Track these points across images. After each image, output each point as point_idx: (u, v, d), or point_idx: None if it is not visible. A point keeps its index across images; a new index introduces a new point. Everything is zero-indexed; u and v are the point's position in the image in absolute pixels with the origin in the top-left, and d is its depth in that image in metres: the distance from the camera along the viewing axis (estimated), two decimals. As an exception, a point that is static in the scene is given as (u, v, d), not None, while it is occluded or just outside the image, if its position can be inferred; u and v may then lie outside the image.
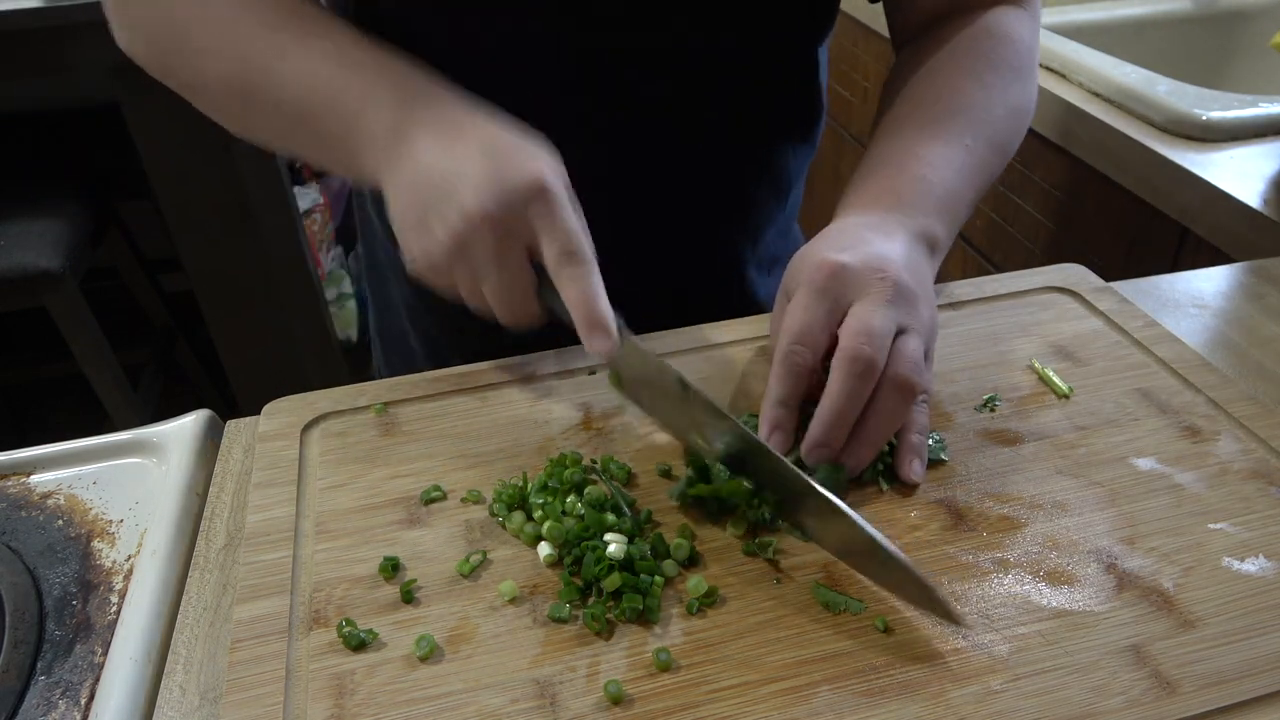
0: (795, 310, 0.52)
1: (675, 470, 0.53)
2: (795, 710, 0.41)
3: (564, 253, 0.50)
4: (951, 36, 0.66)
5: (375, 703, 0.42)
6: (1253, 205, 0.86)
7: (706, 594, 0.46)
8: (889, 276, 0.51)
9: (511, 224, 0.50)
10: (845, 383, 0.49)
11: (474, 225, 0.50)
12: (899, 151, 0.61)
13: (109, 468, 0.59)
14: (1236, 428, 0.55)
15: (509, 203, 0.49)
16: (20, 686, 0.45)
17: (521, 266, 0.52)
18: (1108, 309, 0.65)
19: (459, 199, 0.50)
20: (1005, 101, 0.64)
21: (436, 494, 0.53)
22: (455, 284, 0.54)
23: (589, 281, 0.51)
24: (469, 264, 0.52)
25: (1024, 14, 0.68)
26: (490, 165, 0.50)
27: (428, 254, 0.52)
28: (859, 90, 1.71)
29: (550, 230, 0.50)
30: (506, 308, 0.53)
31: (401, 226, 0.53)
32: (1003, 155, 0.64)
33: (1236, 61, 1.38)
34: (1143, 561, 0.47)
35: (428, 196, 0.51)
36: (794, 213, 0.84)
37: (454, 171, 0.51)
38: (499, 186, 0.49)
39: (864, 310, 0.51)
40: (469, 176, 0.50)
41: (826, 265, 0.52)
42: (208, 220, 1.64)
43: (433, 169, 0.51)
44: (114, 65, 1.39)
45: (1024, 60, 0.66)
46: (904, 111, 0.64)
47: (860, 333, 0.49)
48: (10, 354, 2.15)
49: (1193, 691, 0.41)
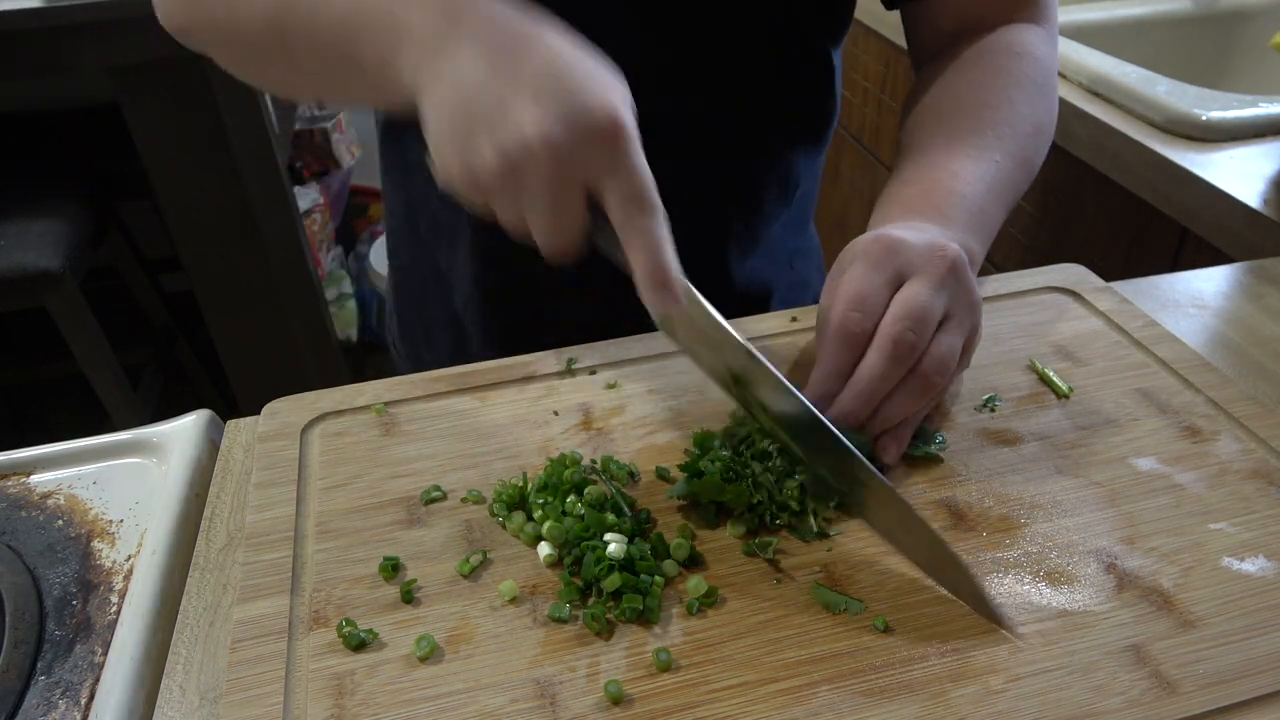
0: (852, 279, 0.52)
1: (674, 473, 0.53)
2: (795, 710, 0.41)
3: (632, 198, 0.46)
4: (974, 54, 0.66)
5: (375, 703, 0.42)
6: (1253, 205, 0.86)
7: (706, 594, 0.46)
8: (948, 256, 0.51)
9: (575, 156, 0.45)
10: (885, 365, 0.49)
11: (530, 151, 0.44)
12: (932, 166, 0.61)
13: (109, 468, 0.59)
14: (1236, 428, 0.55)
15: (576, 133, 0.44)
16: (20, 686, 0.45)
17: (577, 203, 0.47)
18: (1108, 309, 0.65)
19: (516, 117, 0.44)
20: (1031, 118, 0.64)
21: (436, 494, 0.53)
22: (493, 205, 0.48)
23: (657, 234, 0.46)
24: (517, 190, 0.46)
25: (1042, 31, 0.68)
26: (557, 86, 0.44)
27: (468, 170, 0.46)
28: (859, 90, 1.71)
29: (619, 171, 0.45)
30: (551, 242, 0.48)
31: (440, 138, 0.47)
32: (1029, 172, 0.64)
33: (1236, 61, 1.38)
34: (1143, 561, 0.47)
35: (478, 108, 0.45)
36: (807, 209, 0.84)
37: (513, 85, 0.45)
38: (567, 112, 0.44)
39: (918, 288, 0.50)
40: (531, 94, 0.44)
41: (885, 239, 0.52)
42: (208, 220, 1.64)
43: (488, 78, 0.45)
44: (114, 65, 1.40)
45: (1046, 77, 0.66)
46: (934, 127, 0.63)
47: (908, 316, 0.49)
48: (10, 354, 2.16)
49: (1193, 691, 0.41)
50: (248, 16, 0.56)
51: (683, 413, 0.58)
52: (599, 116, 0.44)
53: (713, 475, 0.50)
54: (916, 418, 0.53)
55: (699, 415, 0.58)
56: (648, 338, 0.65)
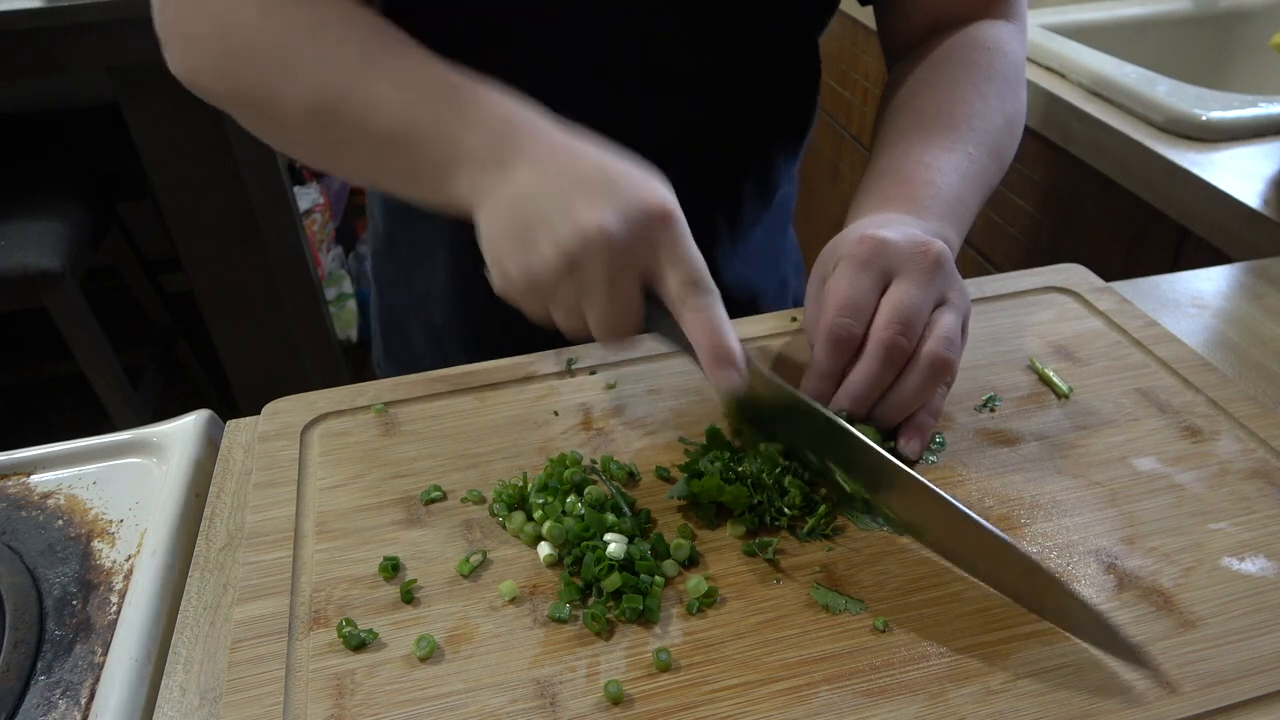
0: (840, 283, 0.52)
1: (674, 473, 0.53)
2: (795, 710, 0.41)
3: (689, 282, 0.48)
4: (947, 49, 0.67)
5: (375, 703, 0.42)
6: (1253, 205, 0.86)
7: (706, 594, 0.46)
8: (931, 252, 0.52)
9: (632, 245, 0.47)
10: (878, 369, 0.51)
11: (591, 244, 0.47)
12: (907, 159, 0.61)
13: (109, 468, 0.59)
14: (1236, 428, 0.55)
15: (632, 222, 0.47)
16: (20, 686, 0.45)
17: (634, 291, 0.49)
18: (1108, 309, 0.65)
19: (575, 216, 0.47)
20: (1002, 111, 0.65)
21: (436, 494, 0.53)
22: (549, 303, 0.50)
23: (715, 312, 0.49)
24: (577, 284, 0.48)
25: (1013, 28, 0.70)
26: (610, 183, 0.48)
27: (528, 271, 0.49)
28: (859, 90, 1.71)
29: (674, 258, 0.48)
30: (609, 330, 0.51)
31: (498, 244, 0.50)
32: (1000, 164, 0.65)
33: (1236, 61, 1.38)
34: (1143, 561, 0.47)
35: (536, 212, 0.48)
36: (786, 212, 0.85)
37: (568, 188, 0.48)
38: (622, 205, 0.47)
39: (905, 289, 0.51)
40: (586, 194, 0.47)
41: (870, 239, 0.52)
42: (208, 220, 1.64)
43: (544, 186, 0.49)
44: (114, 65, 1.40)
45: (1016, 73, 0.67)
46: (907, 121, 0.64)
47: (898, 319, 0.50)
48: (10, 354, 2.16)
49: (1193, 691, 0.41)
50: (291, 100, 0.55)
51: (683, 413, 0.58)
52: (652, 206, 0.47)
53: (713, 475, 0.50)
54: (936, 408, 0.54)
55: (699, 415, 0.58)
56: (647, 338, 0.64)
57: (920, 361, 0.51)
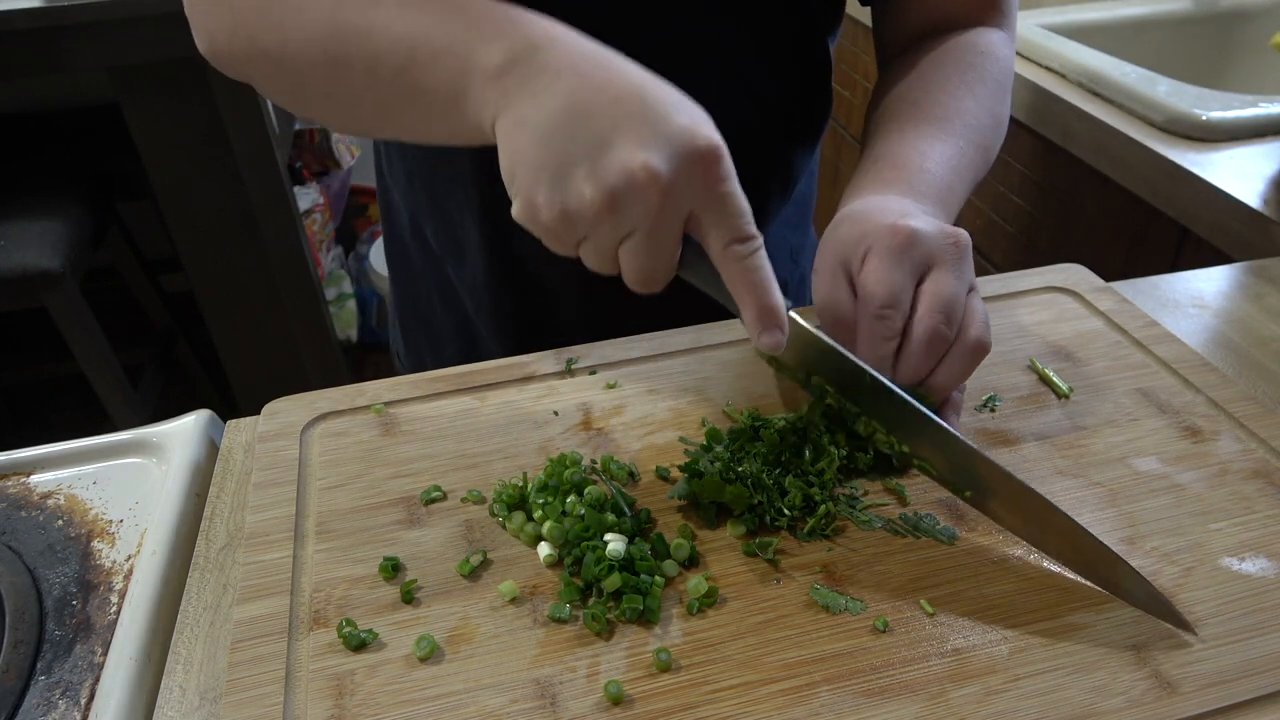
0: (879, 276, 0.52)
1: (674, 473, 0.53)
2: (795, 710, 0.41)
3: (736, 233, 0.46)
4: (941, 51, 0.69)
5: (375, 703, 0.42)
6: (1253, 205, 0.86)
7: (706, 594, 0.46)
8: (961, 241, 0.53)
9: (679, 185, 0.44)
10: (923, 357, 0.51)
11: (637, 185, 0.43)
12: (902, 146, 0.63)
13: (109, 468, 0.59)
14: (1236, 428, 0.55)
15: (680, 161, 0.44)
16: (20, 686, 0.45)
17: (676, 234, 0.46)
18: (1108, 309, 0.65)
19: (619, 153, 0.43)
20: (992, 111, 0.67)
21: (436, 494, 0.53)
22: (580, 243, 0.47)
23: (762, 268, 0.46)
24: (616, 226, 0.45)
25: (1004, 35, 0.71)
26: (655, 117, 0.44)
27: (562, 208, 0.45)
28: (859, 90, 1.71)
29: (723, 206, 0.45)
30: (645, 274, 0.47)
31: (527, 174, 0.46)
32: (986, 160, 0.67)
33: (1236, 61, 1.38)
34: (1143, 562, 0.47)
35: (573, 142, 0.44)
36: (806, 207, 0.86)
37: (607, 118, 0.44)
38: (668, 141, 0.43)
39: (944, 279, 0.52)
40: (629, 127, 0.43)
41: (902, 230, 0.52)
42: (208, 220, 1.64)
43: (578, 111, 0.44)
44: (114, 65, 1.40)
45: (1005, 78, 0.69)
46: (901, 112, 0.66)
47: (940, 310, 0.51)
48: (10, 354, 2.16)
49: (1193, 692, 0.41)
50: (301, 46, 0.54)
51: (683, 413, 0.58)
52: (700, 143, 0.44)
53: (713, 475, 0.50)
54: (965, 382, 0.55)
55: (699, 415, 0.58)
56: (648, 338, 0.65)
57: (964, 345, 0.52)
